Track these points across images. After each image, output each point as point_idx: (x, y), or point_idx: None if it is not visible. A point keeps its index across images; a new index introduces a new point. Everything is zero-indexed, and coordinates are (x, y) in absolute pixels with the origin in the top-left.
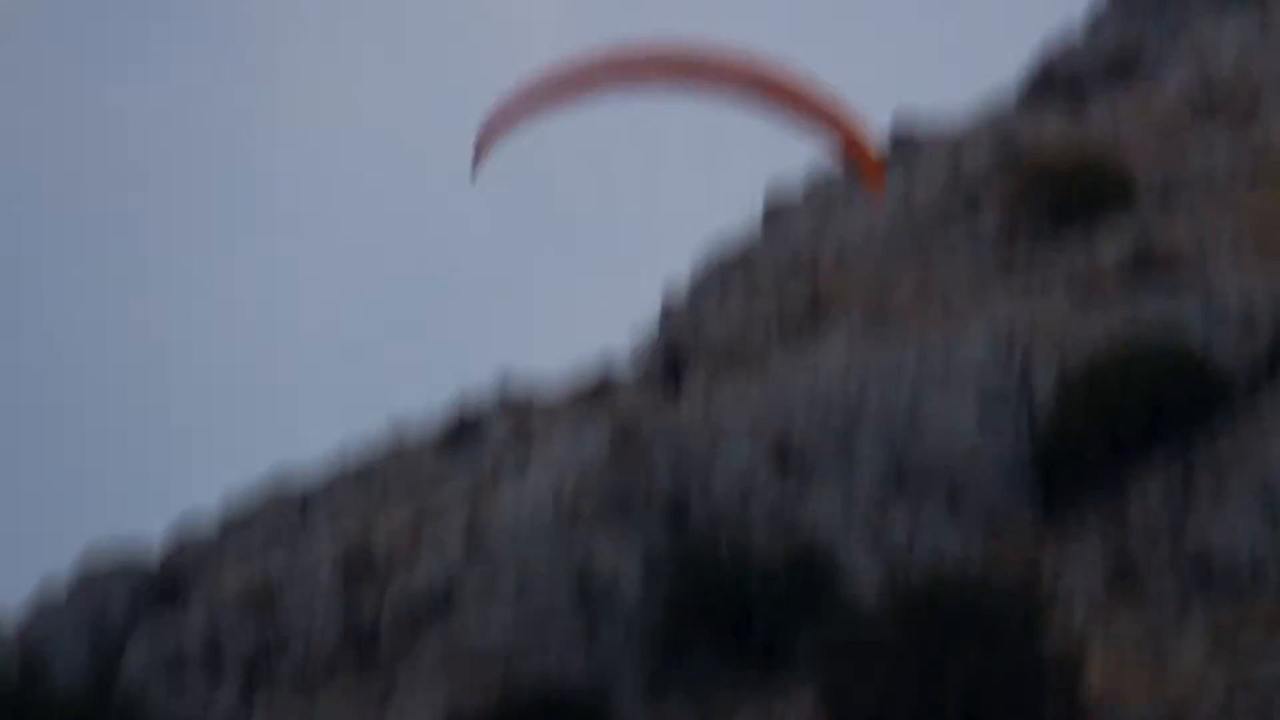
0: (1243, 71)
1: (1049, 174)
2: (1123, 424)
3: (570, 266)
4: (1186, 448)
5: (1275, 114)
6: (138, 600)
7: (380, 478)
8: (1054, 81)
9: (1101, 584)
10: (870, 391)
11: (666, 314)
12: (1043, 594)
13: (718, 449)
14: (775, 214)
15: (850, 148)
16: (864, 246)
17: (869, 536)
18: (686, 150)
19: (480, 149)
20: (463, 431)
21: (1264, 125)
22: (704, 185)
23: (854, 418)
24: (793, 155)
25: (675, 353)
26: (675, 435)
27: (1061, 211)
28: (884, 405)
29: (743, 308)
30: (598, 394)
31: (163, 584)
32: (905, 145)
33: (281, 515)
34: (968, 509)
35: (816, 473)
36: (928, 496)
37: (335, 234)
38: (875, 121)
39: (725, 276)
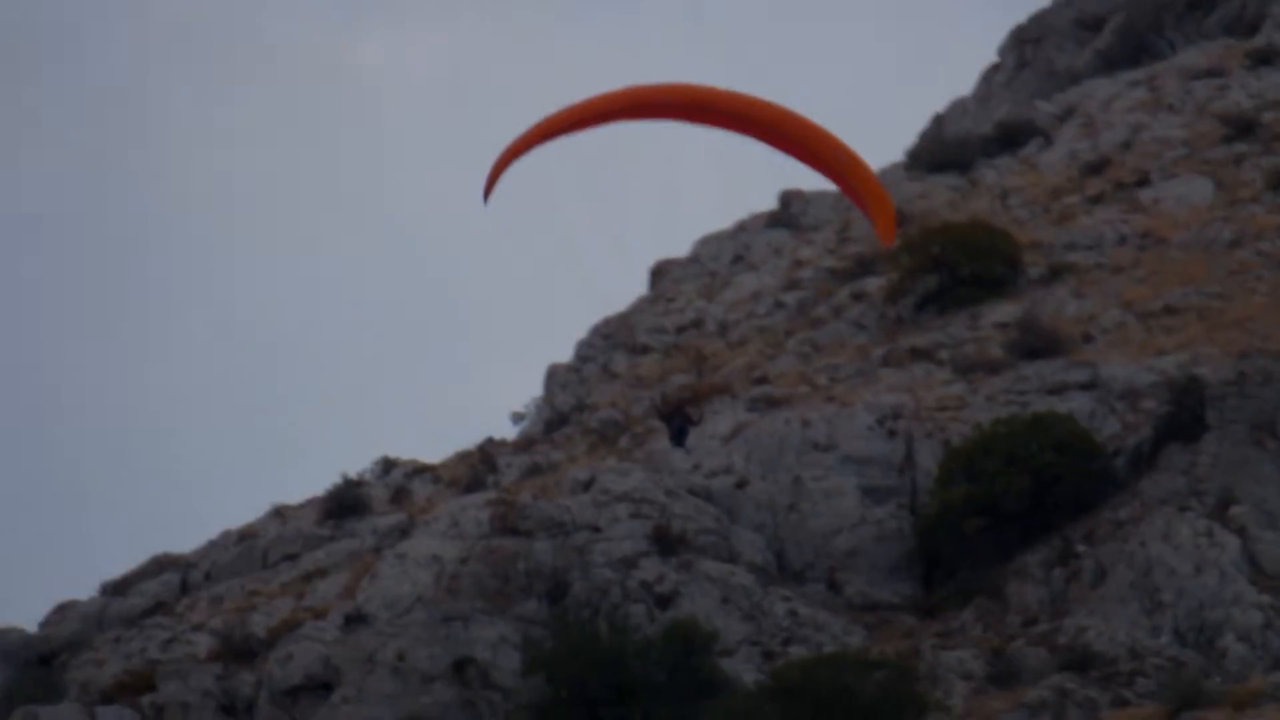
0: (1131, 143)
1: (935, 243)
2: (1005, 502)
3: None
4: (1068, 530)
5: (1163, 184)
6: (11, 685)
7: (261, 557)
8: (943, 151)
9: (980, 670)
10: (752, 471)
11: (549, 390)
12: (921, 681)
13: (599, 528)
14: (660, 283)
15: (867, 193)
16: (749, 318)
17: (749, 617)
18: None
19: (493, 174)
20: (344, 511)
21: (1152, 196)
22: (589, 260)
23: (736, 498)
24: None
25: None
26: (556, 513)
27: (948, 284)
28: (766, 485)
29: (626, 380)
30: (479, 474)
31: (38, 669)
32: (793, 213)
33: (161, 598)
34: (848, 589)
35: (697, 553)
36: (808, 577)
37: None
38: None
39: (609, 348)
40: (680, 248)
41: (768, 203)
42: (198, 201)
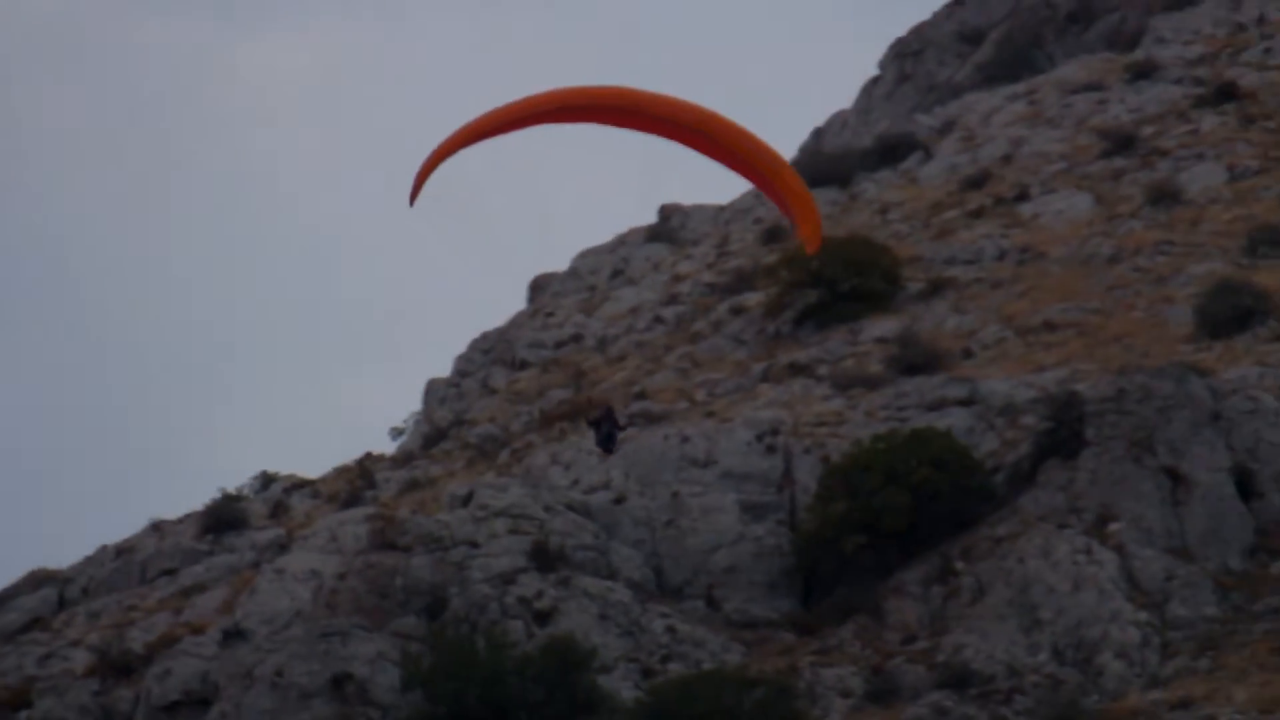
0: (1011, 157)
1: (814, 258)
2: (884, 519)
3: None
4: (947, 547)
5: (1043, 199)
6: None
7: (139, 572)
8: (823, 164)
9: (859, 687)
10: (631, 487)
11: (428, 405)
12: (800, 698)
13: (477, 543)
14: (540, 297)
15: (793, 199)
16: (628, 333)
17: (627, 634)
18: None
19: (420, 177)
20: (223, 526)
21: (1032, 210)
22: (470, 273)
23: (614, 514)
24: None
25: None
26: (435, 529)
27: (827, 299)
28: (644, 501)
29: (505, 395)
30: (358, 489)
31: None
32: (672, 227)
33: (38, 613)
34: (726, 606)
35: (576, 569)
36: (687, 596)
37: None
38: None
39: (488, 365)
40: (559, 262)
41: (647, 217)
42: (71, 204)
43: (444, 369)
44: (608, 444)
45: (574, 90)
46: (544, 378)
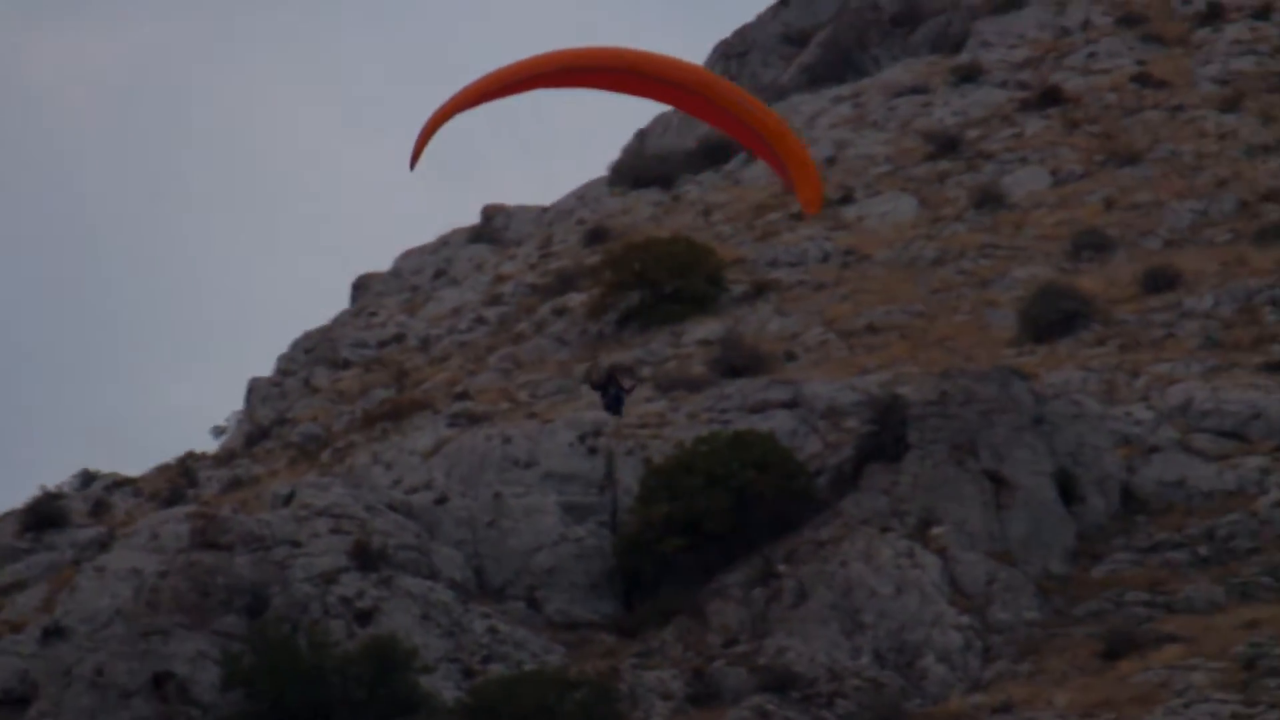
0: (835, 159)
1: (637, 259)
2: (706, 521)
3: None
4: (769, 550)
5: (867, 201)
6: None
7: None
8: (646, 166)
9: (680, 690)
10: (453, 487)
11: (250, 404)
12: (621, 701)
13: (299, 542)
14: (363, 297)
15: (793, 162)
16: (451, 333)
17: (448, 634)
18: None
19: (421, 140)
20: (43, 523)
21: (856, 213)
22: (292, 269)
23: (436, 514)
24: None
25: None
26: (256, 528)
27: (650, 301)
28: (466, 501)
29: (327, 395)
30: (179, 487)
31: None
32: (495, 228)
33: None
34: (548, 607)
35: (397, 569)
36: (508, 596)
37: None
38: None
39: (310, 362)
40: (382, 262)
41: (470, 217)
42: None
43: (266, 368)
44: (615, 406)
45: (573, 52)
46: (366, 377)
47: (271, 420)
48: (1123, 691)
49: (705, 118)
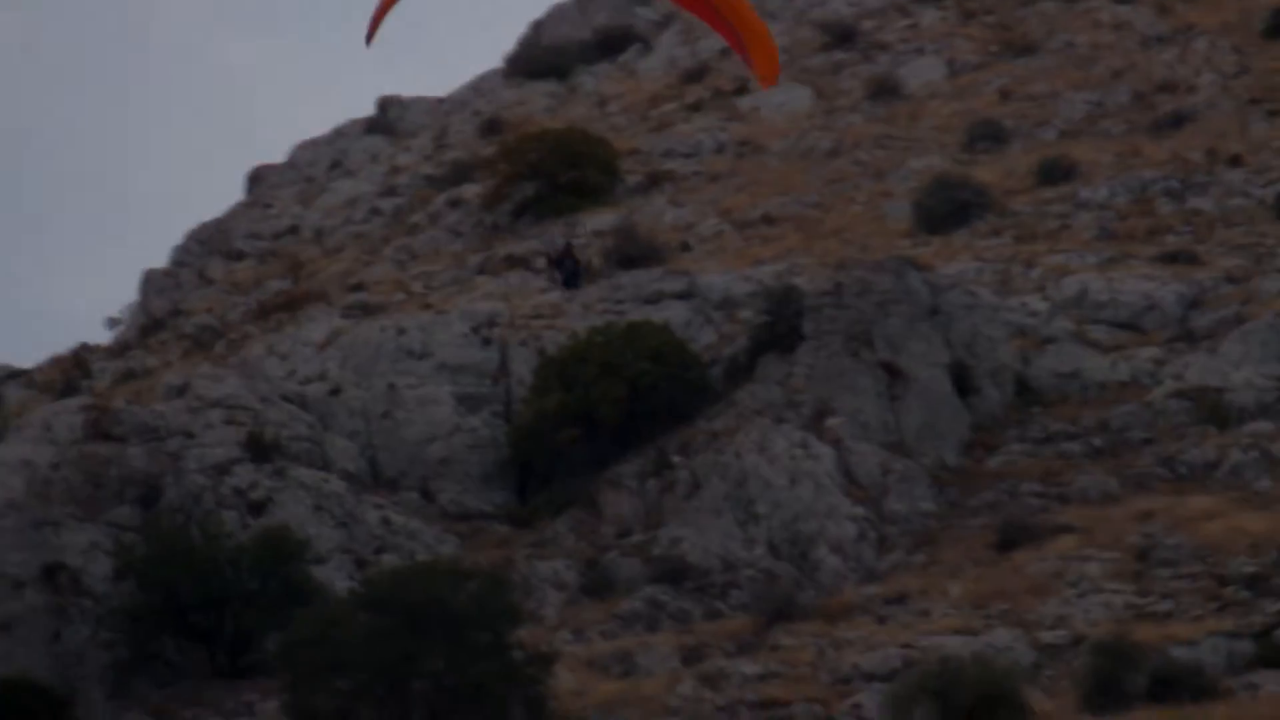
0: (730, 50)
1: (533, 150)
2: (600, 412)
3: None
4: (663, 441)
5: (762, 93)
6: None
7: None
8: (542, 57)
9: (574, 580)
10: (346, 379)
11: (145, 295)
12: (514, 591)
13: (192, 433)
14: (258, 189)
15: (745, 30)
16: (345, 225)
17: (341, 525)
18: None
19: (378, 14)
20: None
21: (751, 104)
22: (184, 159)
23: (329, 405)
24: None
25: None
26: (150, 419)
27: (545, 192)
28: (360, 393)
29: (222, 286)
30: (73, 379)
31: None
32: (390, 119)
33: None
34: (442, 498)
35: (290, 459)
36: (402, 487)
37: None
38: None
39: (205, 254)
40: (277, 153)
41: (366, 108)
42: None
43: (161, 260)
44: (573, 280)
45: None
46: (261, 269)
47: (166, 312)
48: (1017, 582)
49: None
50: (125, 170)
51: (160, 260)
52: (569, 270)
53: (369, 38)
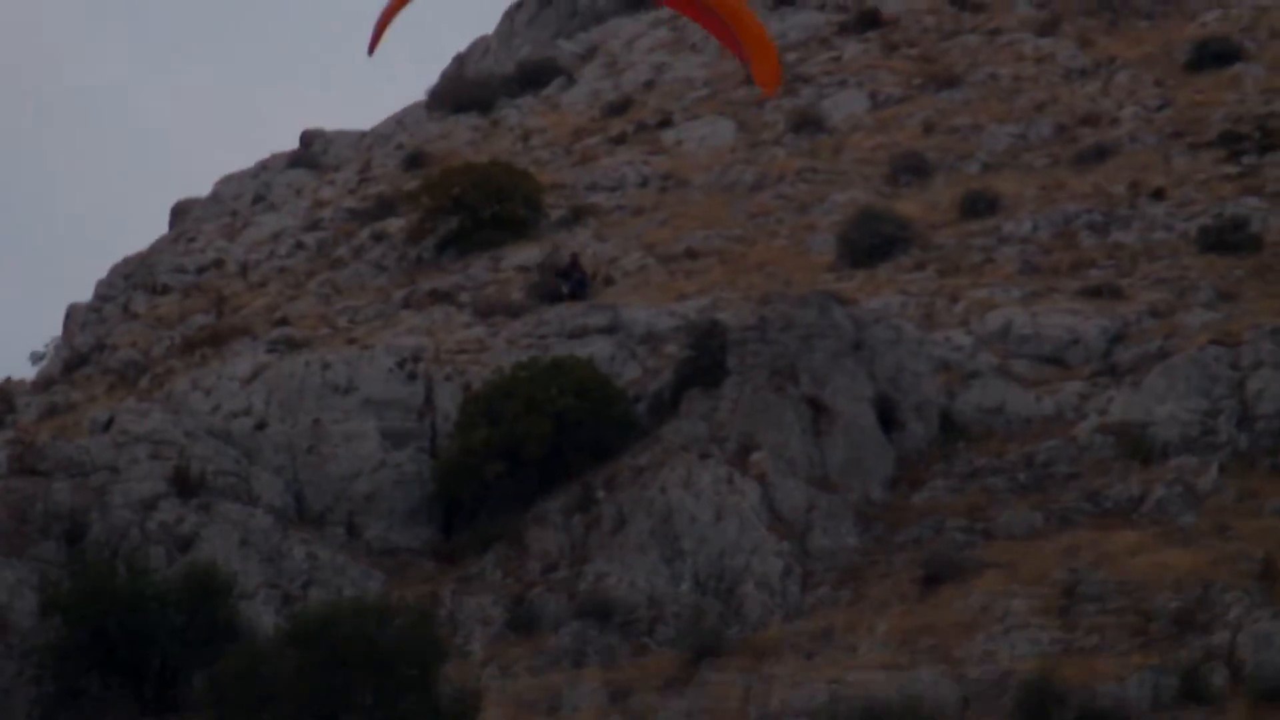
0: (654, 83)
1: (456, 184)
2: (525, 447)
3: None
4: (589, 476)
5: (685, 126)
6: None
7: None
8: (465, 91)
9: (500, 616)
10: (272, 414)
11: (69, 330)
12: (441, 627)
13: (118, 469)
14: (181, 222)
15: (749, 38)
16: (270, 259)
17: (268, 561)
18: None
19: (379, 27)
20: None
21: (674, 137)
22: (107, 192)
23: (255, 439)
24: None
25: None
26: (75, 454)
27: (469, 226)
28: (285, 428)
29: (146, 321)
30: None
31: None
32: (314, 153)
33: None
34: (368, 534)
35: (217, 495)
36: (328, 523)
37: None
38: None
39: (129, 288)
40: (201, 187)
41: (289, 142)
42: None
43: (85, 294)
44: (579, 291)
45: None
46: (185, 303)
47: (90, 346)
48: (943, 618)
49: None
50: (48, 204)
51: (84, 295)
52: (576, 282)
53: (371, 47)
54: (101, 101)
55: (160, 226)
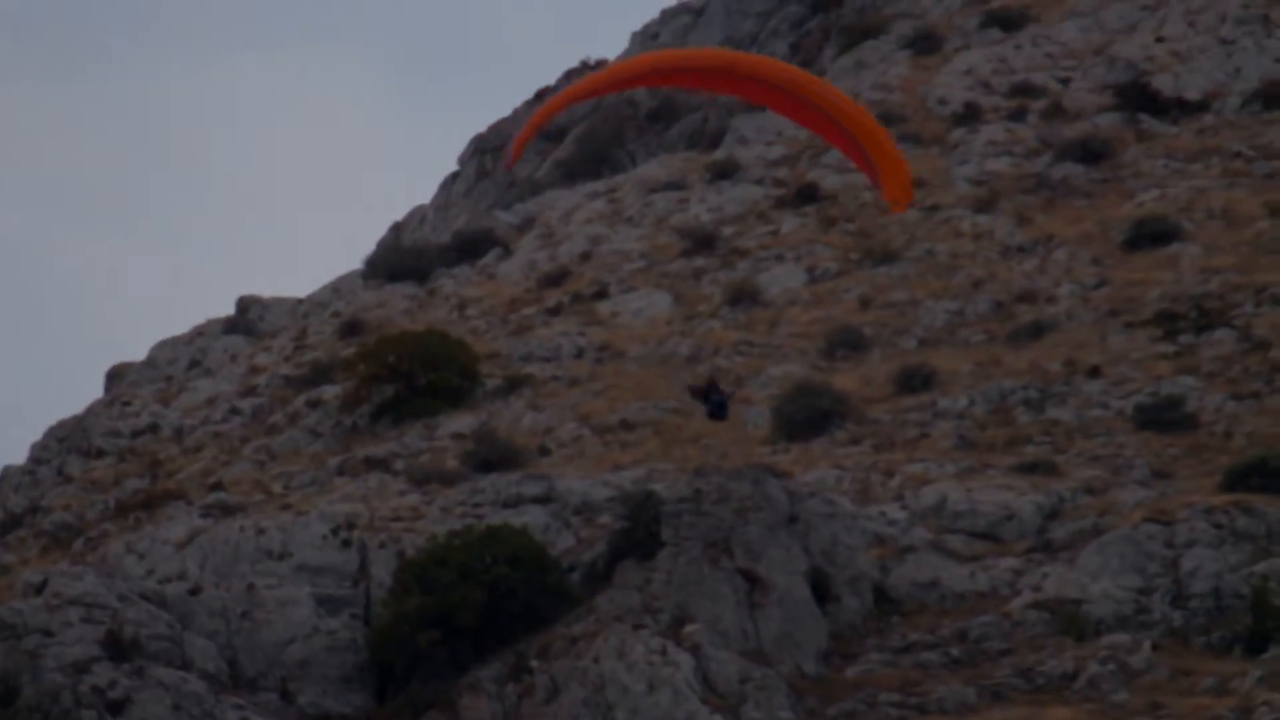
0: (590, 254)
1: (392, 352)
2: (459, 615)
3: None
4: (522, 645)
5: (621, 297)
6: None
7: None
8: (401, 260)
9: None
10: (206, 578)
11: (2, 492)
12: None
13: (50, 631)
14: (117, 386)
15: (883, 161)
16: (205, 424)
17: None
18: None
19: (520, 140)
20: None
21: (610, 308)
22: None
23: (189, 604)
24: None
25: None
26: (8, 616)
27: (405, 394)
28: (219, 593)
29: (81, 484)
30: None
31: None
32: (250, 319)
33: None
34: (301, 699)
35: (150, 659)
36: (261, 688)
37: None
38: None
39: (63, 451)
40: (137, 351)
41: (225, 308)
42: None
43: (19, 456)
44: (720, 412)
45: (671, 53)
46: (120, 466)
47: (24, 508)
48: None
49: (795, 116)
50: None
51: (18, 457)
52: (716, 402)
53: (511, 163)
54: (36, 264)
55: (95, 390)
